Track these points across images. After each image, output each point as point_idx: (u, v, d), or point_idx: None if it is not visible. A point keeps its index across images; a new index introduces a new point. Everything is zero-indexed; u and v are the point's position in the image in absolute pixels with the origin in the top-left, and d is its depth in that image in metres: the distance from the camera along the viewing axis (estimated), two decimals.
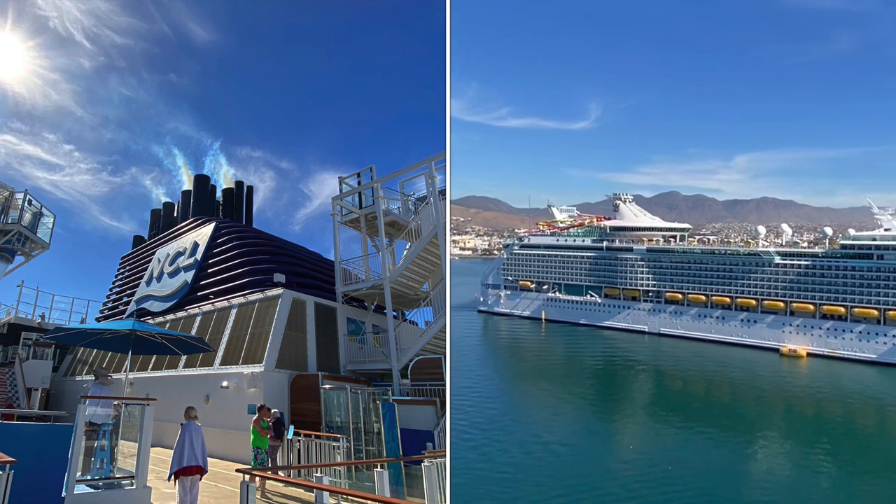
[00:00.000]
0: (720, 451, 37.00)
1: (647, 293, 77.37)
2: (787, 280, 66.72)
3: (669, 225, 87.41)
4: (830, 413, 45.99)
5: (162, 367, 33.70)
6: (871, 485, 32.61)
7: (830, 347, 62.93)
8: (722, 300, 71.04)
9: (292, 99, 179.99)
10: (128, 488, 13.08)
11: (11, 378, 40.81)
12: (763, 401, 49.25)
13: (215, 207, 59.83)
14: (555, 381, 54.88)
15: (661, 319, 75.32)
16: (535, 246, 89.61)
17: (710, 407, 47.94)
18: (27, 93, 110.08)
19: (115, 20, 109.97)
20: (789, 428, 42.56)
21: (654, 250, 77.99)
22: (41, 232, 38.41)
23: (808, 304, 64.96)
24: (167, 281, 43.66)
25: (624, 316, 78.49)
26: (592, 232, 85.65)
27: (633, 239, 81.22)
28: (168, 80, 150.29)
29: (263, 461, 19.14)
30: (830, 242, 67.47)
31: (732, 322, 69.91)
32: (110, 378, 15.76)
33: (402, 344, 29.96)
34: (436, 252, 30.26)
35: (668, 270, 75.80)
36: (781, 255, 67.96)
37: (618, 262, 79.92)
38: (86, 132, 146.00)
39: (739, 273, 69.99)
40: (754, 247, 71.60)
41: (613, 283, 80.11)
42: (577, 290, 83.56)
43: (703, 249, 75.01)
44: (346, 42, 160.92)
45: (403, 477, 18.53)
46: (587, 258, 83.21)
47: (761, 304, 68.21)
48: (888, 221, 63.57)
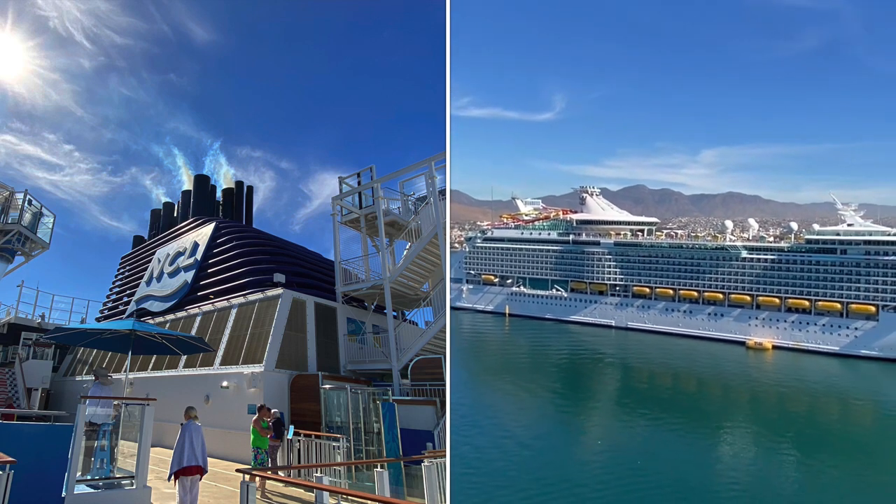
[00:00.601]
0: (687, 443, 37.70)
1: (614, 287, 77.33)
2: (753, 274, 67.71)
3: (637, 219, 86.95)
4: (795, 404, 46.93)
5: (162, 367, 33.70)
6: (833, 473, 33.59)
7: (795, 340, 64.18)
8: (689, 294, 71.64)
9: (292, 99, 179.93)
10: (128, 488, 13.07)
11: (11, 378, 40.81)
12: (729, 393, 50.27)
13: (215, 207, 59.83)
14: (521, 376, 54.93)
15: (629, 314, 75.53)
16: (498, 239, 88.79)
17: (676, 400, 48.64)
18: (27, 93, 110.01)
19: (115, 20, 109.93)
20: (755, 419, 43.35)
21: (621, 244, 77.99)
22: (41, 232, 38.39)
23: (773, 298, 66.09)
24: (167, 281, 43.66)
25: (591, 310, 78.42)
26: (558, 225, 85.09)
27: (600, 233, 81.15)
28: (168, 80, 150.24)
29: (263, 461, 19.14)
30: (796, 237, 68.53)
31: (700, 316, 70.61)
32: (110, 378, 15.76)
33: (402, 344, 29.96)
34: (436, 252, 30.26)
35: (635, 264, 75.97)
36: (748, 249, 68.89)
37: (584, 255, 79.73)
38: (86, 132, 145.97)
39: (707, 267, 70.71)
40: (722, 241, 72.15)
41: (580, 277, 79.90)
42: (542, 284, 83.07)
43: (670, 244, 75.25)
44: (346, 42, 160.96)
45: (403, 477, 18.53)
46: (553, 252, 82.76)
47: (728, 298, 69.02)
48: (851, 217, 64.64)
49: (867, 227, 63.80)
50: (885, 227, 64.62)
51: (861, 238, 62.31)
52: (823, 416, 45.20)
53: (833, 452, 36.86)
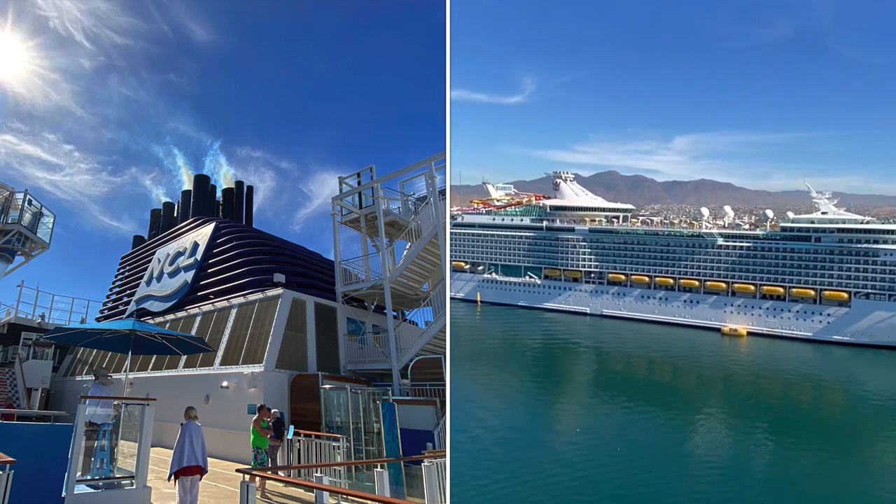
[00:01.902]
0: (664, 429, 38.16)
1: (588, 274, 77.16)
2: (729, 261, 68.07)
3: (612, 205, 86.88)
4: (769, 389, 47.59)
5: (162, 367, 33.69)
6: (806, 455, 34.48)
7: (769, 326, 64.91)
8: (665, 281, 71.78)
9: (292, 99, 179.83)
10: (128, 488, 13.07)
11: (11, 378, 40.80)
12: (704, 379, 50.84)
13: (215, 207, 59.82)
14: (493, 364, 54.89)
15: (604, 301, 75.51)
16: (469, 225, 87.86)
17: (652, 387, 48.99)
18: (27, 93, 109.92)
19: (115, 20, 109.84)
20: (730, 405, 44.00)
21: (596, 231, 77.79)
22: (41, 232, 38.37)
23: (748, 285, 66.57)
24: (167, 281, 43.65)
25: (565, 297, 78.20)
26: (531, 211, 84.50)
27: (574, 219, 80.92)
28: (168, 80, 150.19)
29: (263, 461, 19.14)
30: (771, 225, 68.79)
31: (675, 303, 70.83)
32: (110, 378, 15.75)
33: (402, 344, 29.96)
34: (436, 252, 30.26)
35: (610, 251, 75.88)
36: (724, 236, 69.13)
37: (558, 242, 79.39)
38: (86, 132, 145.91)
39: (683, 254, 70.93)
40: (698, 228, 72.29)
41: (554, 263, 79.59)
42: (515, 270, 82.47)
43: (646, 230, 75.24)
44: (346, 42, 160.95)
45: (403, 477, 18.52)
46: (526, 238, 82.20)
47: (704, 285, 69.34)
48: (825, 205, 65.22)
49: (841, 215, 64.57)
50: (857, 216, 65.50)
51: (835, 226, 62.92)
52: (796, 400, 46.08)
53: (806, 435, 37.81)
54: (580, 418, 40.98)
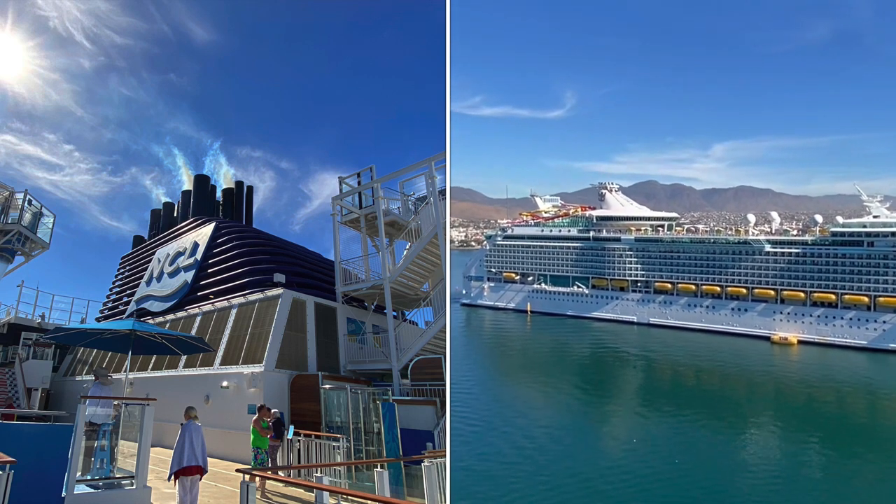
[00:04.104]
0: (717, 440, 37.22)
1: (635, 283, 76.84)
2: (777, 268, 66.74)
3: (657, 214, 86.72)
4: (822, 399, 46.20)
5: (162, 367, 33.69)
6: (861, 469, 33.18)
7: (821, 335, 63.16)
8: (712, 289, 70.85)
9: (292, 99, 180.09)
10: (128, 488, 13.07)
11: (11, 378, 40.80)
12: (755, 389, 49.37)
13: (215, 207, 59.82)
14: (544, 374, 54.64)
15: (651, 309, 75.05)
16: (519, 237, 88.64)
17: (702, 396, 47.96)
18: (27, 93, 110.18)
19: (115, 20, 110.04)
20: (782, 415, 42.77)
21: (642, 240, 77.46)
22: (41, 232, 38.40)
23: (798, 292, 65.17)
24: (167, 281, 43.65)
25: (612, 307, 78.05)
26: (578, 222, 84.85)
27: (619, 229, 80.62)
28: (168, 80, 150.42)
29: (263, 461, 19.14)
30: (820, 230, 67.37)
31: (723, 311, 69.82)
32: (110, 378, 15.76)
33: (402, 344, 29.96)
34: (436, 252, 30.26)
35: (656, 260, 75.43)
36: (771, 243, 67.88)
37: (605, 252, 79.38)
38: (86, 132, 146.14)
39: (729, 262, 69.88)
40: (744, 235, 71.23)
41: (601, 273, 79.60)
42: (563, 280, 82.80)
43: (692, 238, 74.62)
44: (346, 42, 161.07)
45: (403, 477, 18.52)
46: (573, 248, 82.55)
47: (752, 293, 68.15)
48: (877, 208, 63.89)
49: (894, 218, 62.27)
50: None
51: (889, 230, 60.78)
52: (852, 411, 44.41)
53: (863, 448, 36.34)
54: (632, 427, 40.22)
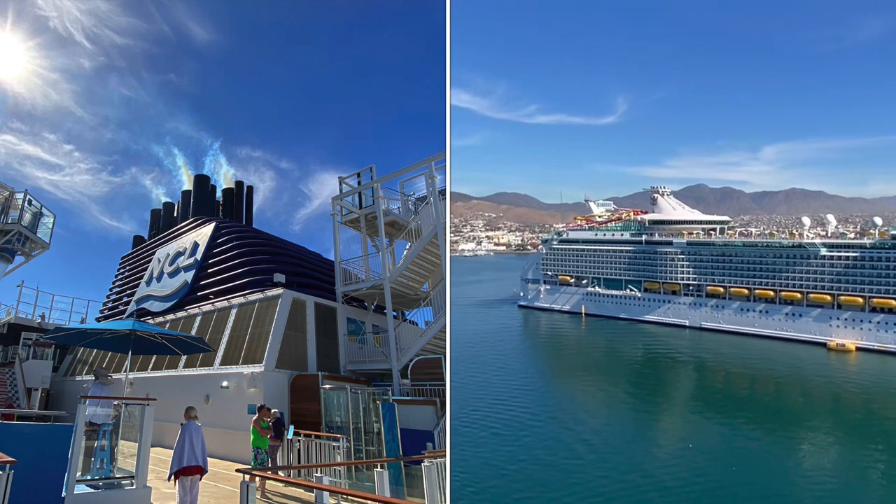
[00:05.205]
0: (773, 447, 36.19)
1: (687, 287, 76.26)
2: (834, 272, 64.48)
3: (709, 218, 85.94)
4: (884, 409, 44.20)
5: (162, 367, 33.70)
6: None
7: (881, 342, 60.84)
8: (765, 294, 69.27)
9: (292, 99, 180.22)
10: (128, 488, 13.08)
11: (11, 378, 40.80)
12: (811, 396, 47.60)
13: (215, 207, 59.83)
14: (598, 375, 54.36)
15: (703, 313, 74.09)
16: (573, 240, 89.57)
17: (755, 402, 46.38)
18: (27, 93, 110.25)
19: (115, 20, 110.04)
20: (840, 424, 41.26)
21: (694, 243, 76.87)
22: (41, 232, 38.41)
23: (856, 297, 63.01)
24: (167, 281, 43.65)
25: (664, 310, 77.65)
26: (630, 226, 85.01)
27: (672, 232, 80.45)
28: (168, 80, 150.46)
29: (263, 461, 19.14)
30: (880, 233, 64.71)
31: (777, 316, 68.12)
32: (110, 378, 15.76)
33: (402, 344, 29.96)
34: (436, 252, 30.25)
35: (708, 264, 74.72)
36: (828, 246, 65.65)
37: (657, 255, 79.17)
38: (86, 132, 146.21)
39: (783, 266, 68.29)
40: (798, 239, 69.22)
41: (653, 277, 79.35)
42: (616, 284, 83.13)
43: (744, 242, 73.28)
44: (346, 42, 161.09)
45: (403, 477, 18.53)
46: (626, 252, 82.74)
47: (807, 298, 66.18)
48: None
49: None
50: None
51: None
52: None
53: None
54: (686, 431, 39.52)
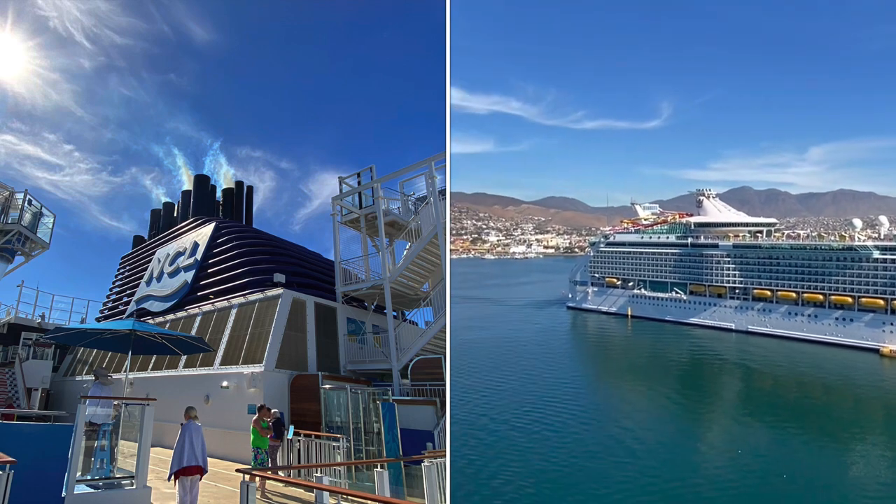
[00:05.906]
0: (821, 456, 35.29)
1: (733, 290, 75.41)
2: (887, 276, 62.39)
3: (755, 220, 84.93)
4: None
5: (162, 367, 33.70)
6: None
7: None
8: (814, 297, 67.46)
9: (292, 99, 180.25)
10: (128, 488, 13.08)
11: (11, 378, 40.81)
12: (862, 404, 46.12)
13: (215, 207, 59.85)
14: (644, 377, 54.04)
15: (749, 317, 73.04)
16: (620, 243, 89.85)
17: (804, 409, 45.26)
18: (27, 93, 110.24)
19: (115, 20, 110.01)
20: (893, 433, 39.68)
21: (740, 246, 75.87)
22: (41, 232, 38.42)
23: None
24: (167, 281, 43.66)
25: (710, 313, 77.05)
26: (676, 229, 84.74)
27: (718, 235, 79.80)
28: (168, 80, 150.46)
29: (263, 461, 19.14)
30: None
31: (826, 320, 66.27)
32: (110, 378, 15.77)
33: (402, 344, 29.96)
34: (436, 252, 30.26)
35: (755, 267, 73.78)
36: (881, 249, 63.62)
37: (703, 258, 78.73)
38: (86, 132, 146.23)
39: (833, 269, 66.44)
40: (849, 241, 67.14)
41: (699, 279, 78.83)
42: (662, 286, 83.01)
43: (792, 245, 71.68)
44: (346, 42, 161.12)
45: (403, 477, 18.52)
46: (672, 255, 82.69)
47: (858, 302, 64.31)
48: None
49: None
50: None
51: None
52: None
53: None
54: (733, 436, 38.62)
